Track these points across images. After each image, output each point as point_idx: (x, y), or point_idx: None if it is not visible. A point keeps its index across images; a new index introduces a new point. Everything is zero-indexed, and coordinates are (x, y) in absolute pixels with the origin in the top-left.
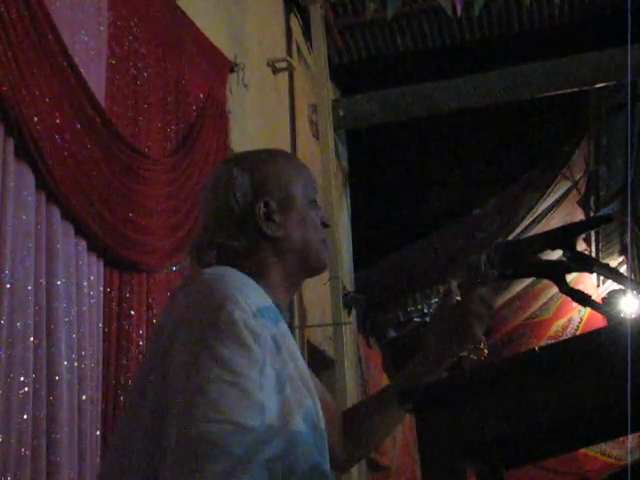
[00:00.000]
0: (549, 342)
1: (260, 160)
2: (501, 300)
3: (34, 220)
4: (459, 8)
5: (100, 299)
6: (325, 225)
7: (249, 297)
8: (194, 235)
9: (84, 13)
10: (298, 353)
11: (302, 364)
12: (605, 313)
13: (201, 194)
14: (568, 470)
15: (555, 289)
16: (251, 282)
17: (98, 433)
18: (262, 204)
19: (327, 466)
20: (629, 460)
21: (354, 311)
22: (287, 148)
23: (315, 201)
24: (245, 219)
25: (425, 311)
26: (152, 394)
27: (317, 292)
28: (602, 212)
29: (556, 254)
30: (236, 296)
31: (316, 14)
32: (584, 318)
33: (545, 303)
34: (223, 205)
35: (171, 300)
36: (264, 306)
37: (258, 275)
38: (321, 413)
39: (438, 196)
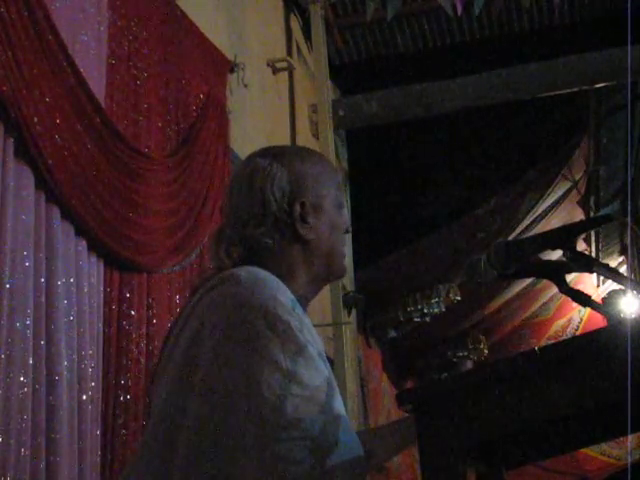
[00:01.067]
0: (549, 342)
1: (298, 158)
2: (501, 300)
3: (34, 220)
4: (459, 8)
5: (100, 299)
6: (347, 231)
7: (286, 296)
8: (220, 225)
9: (84, 13)
10: (323, 349)
11: (326, 359)
12: (605, 313)
13: (232, 183)
14: (568, 470)
15: (555, 289)
16: (278, 281)
17: (98, 433)
18: (299, 204)
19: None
20: (629, 460)
21: (354, 311)
22: None
23: (343, 205)
24: (281, 217)
25: (425, 311)
26: (198, 397)
27: None
28: (602, 212)
29: (556, 254)
30: (280, 299)
31: (316, 14)
32: (584, 318)
33: (545, 303)
34: (259, 200)
35: (200, 300)
36: (296, 304)
37: (284, 275)
38: None
39: (438, 196)
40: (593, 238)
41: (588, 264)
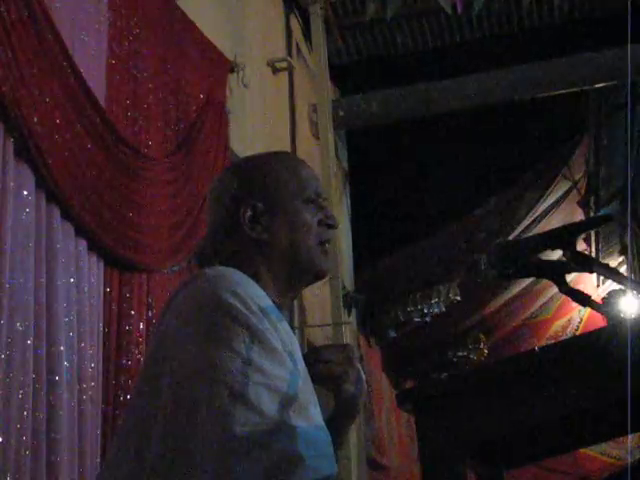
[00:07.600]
0: (549, 342)
1: (250, 162)
2: (501, 300)
3: (34, 220)
4: (459, 8)
5: (100, 299)
6: (329, 226)
7: (251, 294)
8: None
9: (84, 13)
10: (299, 353)
11: (302, 363)
12: (605, 313)
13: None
14: (568, 470)
15: (555, 289)
16: (251, 281)
17: (98, 433)
18: (248, 207)
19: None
20: (629, 460)
21: (354, 311)
22: (287, 148)
23: (314, 201)
24: (232, 222)
25: (425, 311)
26: (166, 389)
27: (317, 292)
28: (602, 212)
29: (556, 254)
30: (240, 293)
31: (316, 14)
32: (584, 318)
33: (545, 303)
34: (214, 210)
35: (174, 298)
36: (267, 304)
37: (252, 277)
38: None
39: (438, 196)
40: (593, 238)
41: (588, 264)
